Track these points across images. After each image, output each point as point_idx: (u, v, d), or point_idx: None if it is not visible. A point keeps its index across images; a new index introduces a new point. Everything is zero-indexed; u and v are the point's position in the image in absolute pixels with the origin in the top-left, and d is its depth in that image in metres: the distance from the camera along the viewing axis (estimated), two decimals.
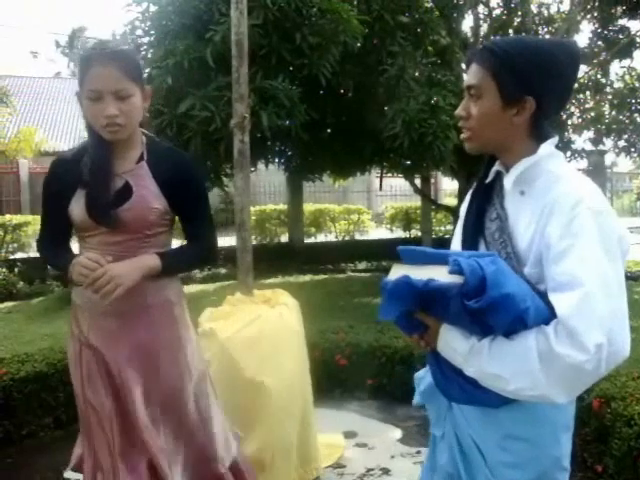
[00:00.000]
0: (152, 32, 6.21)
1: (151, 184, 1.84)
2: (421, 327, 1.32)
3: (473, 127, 1.37)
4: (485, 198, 1.45)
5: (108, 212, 1.77)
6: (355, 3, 6.81)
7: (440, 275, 1.20)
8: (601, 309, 1.15)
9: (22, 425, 3.46)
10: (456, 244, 1.54)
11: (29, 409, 3.49)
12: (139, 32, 6.32)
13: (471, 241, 1.44)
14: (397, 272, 1.29)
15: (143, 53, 6.19)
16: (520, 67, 1.29)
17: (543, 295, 1.23)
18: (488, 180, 1.45)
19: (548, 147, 1.35)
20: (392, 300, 1.25)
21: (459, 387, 1.32)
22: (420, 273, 1.24)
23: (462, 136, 1.43)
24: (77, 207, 1.81)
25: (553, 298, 1.21)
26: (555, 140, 1.38)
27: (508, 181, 1.36)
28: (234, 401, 2.42)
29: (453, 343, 1.27)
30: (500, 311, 1.15)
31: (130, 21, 6.30)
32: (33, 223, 10.67)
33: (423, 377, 1.56)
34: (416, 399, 1.59)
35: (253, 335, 2.52)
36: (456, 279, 1.17)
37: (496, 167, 1.43)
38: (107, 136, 1.77)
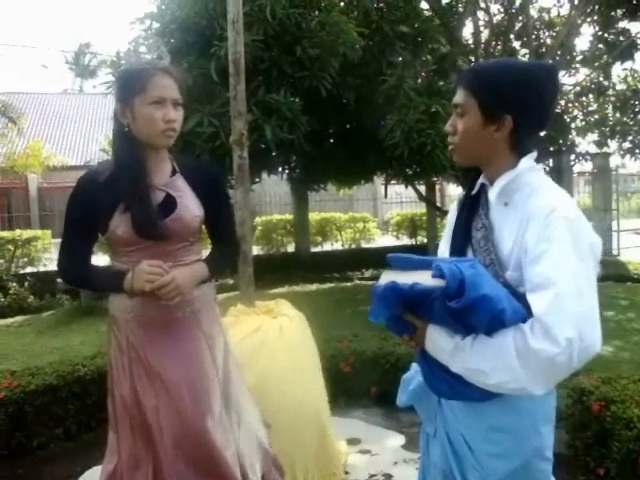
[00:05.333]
0: (157, 48, 6.32)
1: (190, 194, 1.96)
2: (410, 328, 1.42)
3: (458, 141, 1.50)
4: (471, 209, 1.55)
5: (156, 225, 1.85)
6: (354, 15, 6.90)
7: (424, 279, 1.31)
8: (572, 307, 1.25)
9: (33, 436, 3.52)
10: (443, 249, 1.67)
11: (40, 421, 3.56)
12: (143, 49, 6.44)
13: (460, 248, 1.55)
14: (386, 278, 1.39)
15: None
16: (498, 87, 1.40)
17: (523, 297, 1.33)
18: (474, 192, 1.56)
19: (527, 161, 1.45)
20: (381, 303, 1.36)
21: (447, 383, 1.41)
22: (407, 278, 1.34)
23: (449, 149, 1.56)
24: (122, 224, 1.85)
25: (530, 298, 1.31)
26: (534, 154, 1.48)
27: (492, 194, 1.47)
28: None
29: (439, 342, 1.37)
30: (478, 311, 1.26)
31: (134, 38, 6.42)
32: (43, 238, 10.81)
33: (412, 378, 1.66)
34: (401, 400, 1.69)
35: (254, 346, 2.58)
36: (438, 282, 1.28)
37: (481, 180, 1.54)
38: (162, 141, 1.88)
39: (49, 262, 10.53)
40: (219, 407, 1.96)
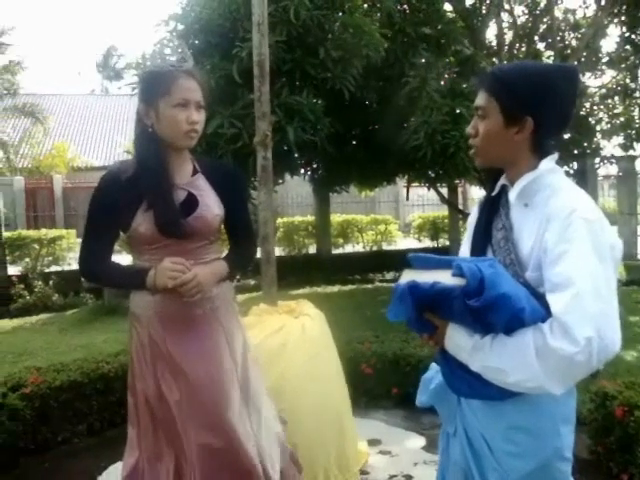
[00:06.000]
0: (179, 50, 6.38)
1: (211, 193, 2.00)
2: (430, 327, 1.43)
3: (479, 144, 1.51)
4: (492, 209, 1.57)
5: (179, 223, 1.88)
6: (377, 17, 6.90)
7: (444, 278, 1.32)
8: (591, 307, 1.25)
9: (58, 432, 3.58)
10: (465, 250, 1.67)
11: (64, 417, 3.62)
12: (167, 51, 6.51)
13: (480, 248, 1.56)
14: (407, 277, 1.41)
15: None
16: (519, 90, 1.42)
17: (542, 297, 1.34)
18: (494, 193, 1.57)
19: (548, 163, 1.46)
20: (402, 302, 1.37)
21: (466, 383, 1.43)
22: (427, 277, 1.36)
23: (471, 152, 1.57)
24: (145, 221, 1.88)
25: (549, 298, 1.31)
26: (555, 156, 1.49)
27: (513, 195, 1.49)
28: None
29: (458, 341, 1.38)
30: (498, 309, 1.27)
31: (159, 40, 6.51)
32: (67, 237, 11.00)
33: (432, 378, 1.68)
34: (421, 400, 1.71)
35: (276, 345, 2.60)
36: (458, 281, 1.29)
37: (502, 181, 1.56)
38: (185, 142, 1.91)
39: (73, 261, 10.68)
40: (238, 401, 1.99)
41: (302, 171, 8.57)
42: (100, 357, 4.10)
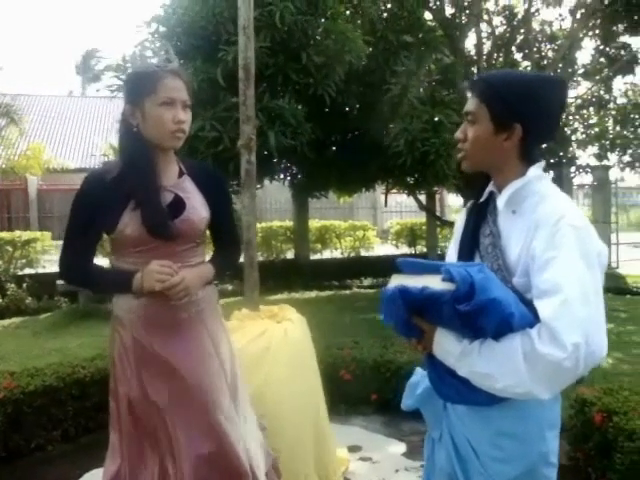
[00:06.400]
0: (162, 53, 6.34)
1: (198, 195, 1.97)
2: (418, 332, 1.43)
3: (468, 149, 1.53)
4: (479, 216, 1.58)
5: (167, 225, 1.86)
6: (359, 23, 6.93)
7: (434, 283, 1.32)
8: (579, 313, 1.27)
9: (31, 438, 3.49)
10: (452, 255, 1.68)
11: (38, 423, 3.53)
12: (149, 53, 6.46)
13: (467, 254, 1.57)
14: (395, 281, 1.41)
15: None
16: (509, 97, 1.44)
17: (530, 303, 1.35)
18: (482, 199, 1.59)
19: (536, 170, 1.48)
20: (390, 306, 1.38)
21: (454, 388, 1.43)
22: (416, 281, 1.36)
23: (458, 156, 1.58)
24: (132, 223, 1.84)
25: (537, 304, 1.32)
26: (542, 164, 1.51)
27: (501, 201, 1.50)
28: None
29: (447, 346, 1.38)
30: (487, 314, 1.27)
31: (140, 42, 6.45)
32: (42, 239, 10.77)
33: (418, 382, 1.69)
34: (407, 403, 1.71)
35: (259, 350, 2.58)
36: (448, 286, 1.29)
37: (489, 188, 1.58)
38: (171, 142, 1.88)
39: (48, 264, 10.49)
40: (228, 404, 1.97)
41: (282, 176, 8.55)
42: (76, 361, 4.02)
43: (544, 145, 10.56)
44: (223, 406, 1.94)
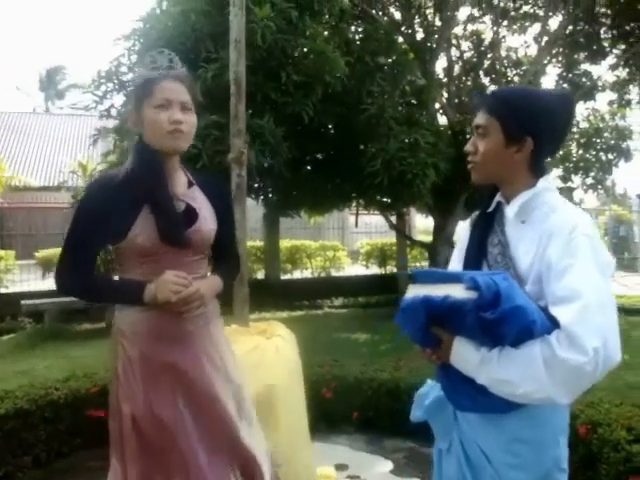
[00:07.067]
0: (137, 69, 6.29)
1: (207, 206, 1.94)
2: (435, 342, 1.44)
3: (479, 161, 1.57)
4: (486, 226, 1.61)
5: (182, 233, 1.82)
6: (336, 44, 7.02)
7: (455, 292, 1.34)
8: (597, 318, 1.31)
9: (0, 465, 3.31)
10: (455, 266, 1.72)
11: (7, 448, 3.36)
12: (124, 69, 6.41)
13: (474, 263, 1.59)
14: (413, 291, 1.42)
15: (129, 90, 6.28)
16: (521, 111, 1.50)
17: (544, 310, 1.38)
18: (490, 210, 1.62)
19: (545, 182, 1.54)
20: (411, 316, 1.39)
21: (469, 396, 1.44)
22: (437, 291, 1.37)
23: (469, 167, 1.62)
24: (144, 231, 1.79)
25: (555, 310, 1.35)
26: (550, 176, 1.58)
27: (511, 211, 1.54)
28: None
29: (466, 354, 1.40)
30: (512, 321, 1.30)
31: (115, 57, 6.40)
32: (5, 258, 10.47)
33: (427, 393, 1.69)
34: (415, 414, 1.71)
35: (251, 364, 2.54)
36: (470, 294, 1.31)
37: (497, 198, 1.61)
38: (169, 143, 1.82)
39: (10, 284, 10.19)
40: (235, 413, 1.93)
41: (255, 195, 8.52)
42: (48, 383, 3.88)
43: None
44: (232, 415, 1.91)
